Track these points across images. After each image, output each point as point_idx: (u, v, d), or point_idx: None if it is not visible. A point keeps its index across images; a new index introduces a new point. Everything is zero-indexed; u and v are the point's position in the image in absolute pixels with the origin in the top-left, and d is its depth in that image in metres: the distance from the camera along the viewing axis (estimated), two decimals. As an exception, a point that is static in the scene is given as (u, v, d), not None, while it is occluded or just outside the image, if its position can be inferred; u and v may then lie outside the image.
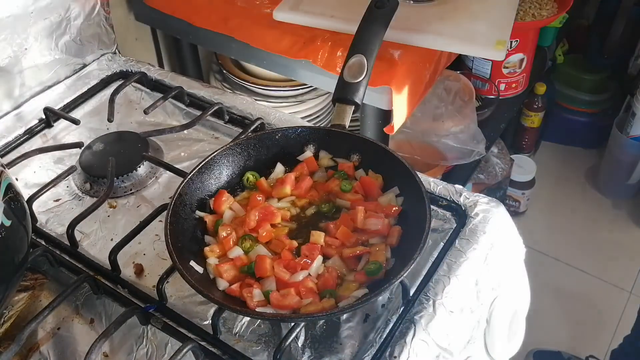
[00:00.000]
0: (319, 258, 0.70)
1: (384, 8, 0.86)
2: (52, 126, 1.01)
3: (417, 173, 0.74)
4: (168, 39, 1.37)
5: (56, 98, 1.05)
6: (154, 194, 0.91)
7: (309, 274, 0.69)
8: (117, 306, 0.74)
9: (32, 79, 1.04)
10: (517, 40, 1.50)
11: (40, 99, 1.05)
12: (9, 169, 0.84)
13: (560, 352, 1.80)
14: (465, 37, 1.00)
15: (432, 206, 0.76)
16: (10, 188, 0.67)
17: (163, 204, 0.83)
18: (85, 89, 1.08)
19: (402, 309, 0.73)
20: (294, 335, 0.67)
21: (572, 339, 1.87)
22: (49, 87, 1.07)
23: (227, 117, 1.01)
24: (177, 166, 0.90)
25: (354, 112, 0.83)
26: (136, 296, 0.75)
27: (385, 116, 1.06)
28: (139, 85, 1.10)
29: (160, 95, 1.04)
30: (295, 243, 0.73)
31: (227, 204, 0.77)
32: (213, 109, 0.99)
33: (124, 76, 1.11)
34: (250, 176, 0.81)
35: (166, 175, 0.93)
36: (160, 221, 0.79)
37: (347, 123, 0.81)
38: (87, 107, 1.06)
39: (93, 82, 1.09)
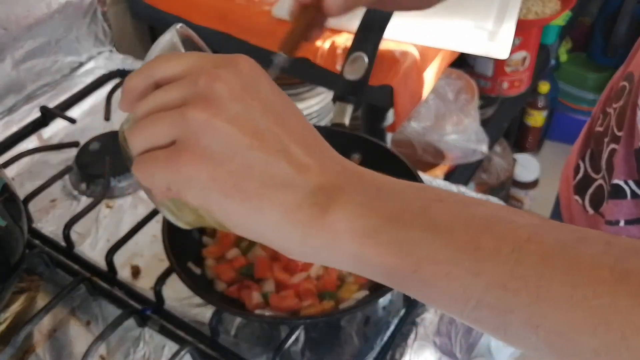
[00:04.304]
0: (319, 259, 0.69)
1: (385, 5, 0.84)
2: (48, 125, 1.00)
3: (419, 173, 0.73)
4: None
5: (52, 96, 1.04)
6: (152, 194, 0.90)
7: (309, 276, 0.68)
8: (113, 308, 0.73)
9: (28, 77, 1.03)
10: (520, 38, 1.49)
11: (36, 97, 1.04)
12: (4, 168, 0.83)
13: None
14: (468, 35, 0.99)
15: (434, 206, 0.75)
16: (6, 188, 0.66)
17: (161, 204, 0.82)
18: (81, 87, 1.07)
19: (403, 311, 0.72)
20: (293, 337, 0.66)
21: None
22: (45, 85, 1.06)
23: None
24: (175, 166, 0.89)
25: (354, 111, 0.82)
26: (133, 298, 0.74)
27: (386, 115, 1.04)
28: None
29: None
30: (295, 244, 0.71)
31: (226, 204, 0.76)
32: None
33: (122, 74, 1.09)
34: (249, 176, 0.80)
35: (164, 175, 0.92)
36: (158, 222, 0.78)
37: (348, 122, 0.80)
38: (84, 106, 1.05)
39: (89, 81, 1.08)
